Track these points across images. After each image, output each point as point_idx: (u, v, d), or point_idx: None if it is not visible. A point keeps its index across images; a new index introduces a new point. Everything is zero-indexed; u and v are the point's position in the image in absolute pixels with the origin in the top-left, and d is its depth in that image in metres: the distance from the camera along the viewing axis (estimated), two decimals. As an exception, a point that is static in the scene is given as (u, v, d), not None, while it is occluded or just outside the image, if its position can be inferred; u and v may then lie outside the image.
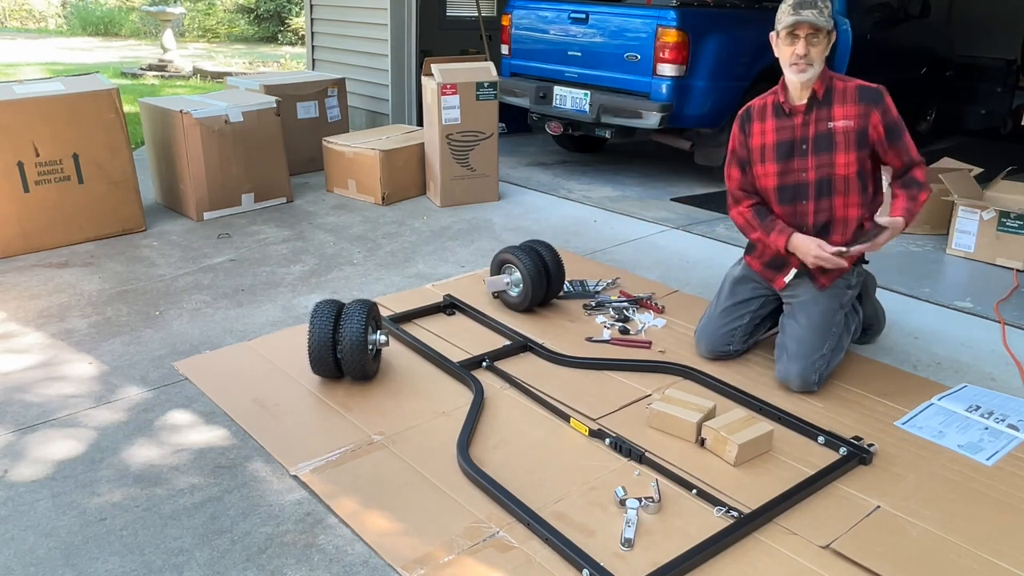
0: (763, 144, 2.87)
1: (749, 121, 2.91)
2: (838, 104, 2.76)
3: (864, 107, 2.73)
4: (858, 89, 2.76)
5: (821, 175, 2.79)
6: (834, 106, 2.77)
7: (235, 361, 2.96)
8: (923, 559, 2.01)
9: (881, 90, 2.76)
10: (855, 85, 2.77)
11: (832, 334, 2.81)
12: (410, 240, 4.39)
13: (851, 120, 2.74)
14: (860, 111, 2.73)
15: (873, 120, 2.72)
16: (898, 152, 2.77)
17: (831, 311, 2.82)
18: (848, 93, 2.76)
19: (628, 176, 5.95)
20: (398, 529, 2.08)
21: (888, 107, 2.75)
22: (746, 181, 2.95)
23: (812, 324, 2.80)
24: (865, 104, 2.73)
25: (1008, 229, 4.08)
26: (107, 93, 4.09)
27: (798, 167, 2.82)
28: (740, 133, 2.93)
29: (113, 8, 19.61)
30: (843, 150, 2.76)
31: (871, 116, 2.72)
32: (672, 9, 4.94)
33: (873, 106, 2.72)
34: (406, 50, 6.62)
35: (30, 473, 2.29)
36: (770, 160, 2.86)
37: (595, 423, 2.57)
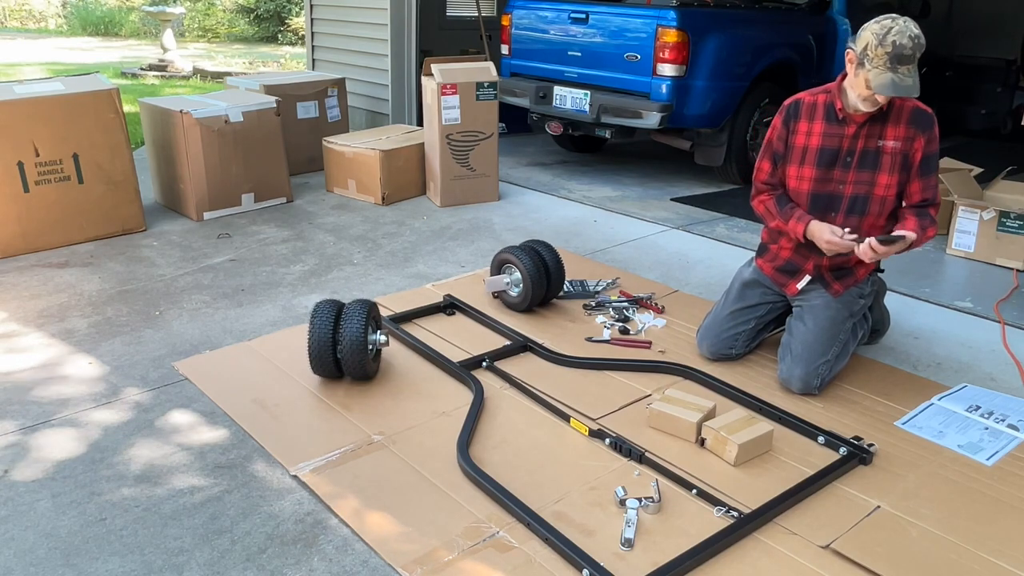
0: (807, 146, 2.77)
1: (796, 118, 2.80)
2: (892, 123, 2.68)
3: (913, 131, 2.67)
4: (913, 111, 2.68)
5: (858, 191, 2.74)
6: (888, 124, 2.68)
7: (235, 361, 2.96)
8: (923, 559, 2.01)
9: (932, 116, 2.69)
10: (912, 106, 2.69)
11: (839, 341, 2.79)
12: (410, 240, 4.39)
13: (900, 142, 2.68)
14: (909, 134, 2.67)
15: (916, 144, 2.67)
16: (924, 186, 2.70)
17: (840, 319, 2.80)
18: (904, 113, 2.68)
19: (628, 176, 5.95)
20: (398, 529, 2.08)
21: (934, 136, 2.69)
22: (775, 176, 2.87)
23: (820, 329, 2.78)
24: (915, 128, 2.66)
25: (1008, 229, 4.08)
26: (107, 93, 4.09)
27: (837, 178, 2.75)
28: (783, 127, 2.81)
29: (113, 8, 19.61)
30: (887, 171, 2.70)
31: (916, 140, 2.67)
32: (672, 9, 4.94)
33: (921, 132, 2.66)
34: (406, 50, 6.62)
35: (30, 473, 2.29)
36: (810, 164, 2.77)
37: (595, 423, 2.57)
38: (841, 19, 5.88)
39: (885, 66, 2.50)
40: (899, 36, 2.48)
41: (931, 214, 2.72)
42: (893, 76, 2.50)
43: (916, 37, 2.50)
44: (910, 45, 2.48)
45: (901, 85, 2.51)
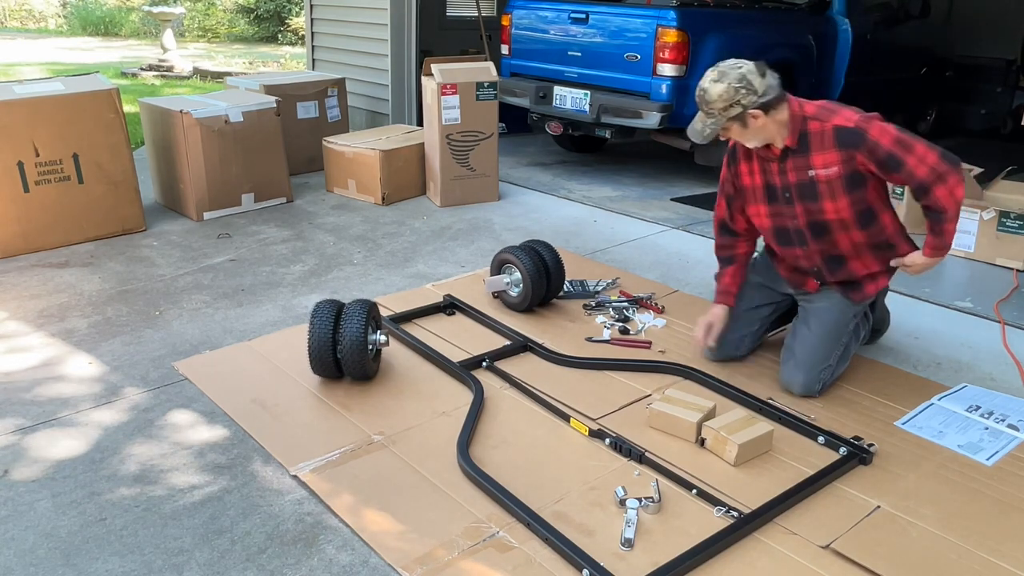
0: (752, 185, 2.77)
1: (736, 160, 2.80)
2: (816, 151, 2.56)
3: (845, 152, 2.52)
4: (835, 131, 2.52)
5: (812, 219, 2.67)
6: (812, 153, 2.57)
7: (235, 361, 2.96)
8: (923, 559, 2.01)
9: (861, 130, 2.50)
10: (832, 127, 2.53)
11: (841, 343, 2.78)
12: (410, 240, 4.39)
13: (833, 167, 2.55)
14: (842, 156, 2.53)
15: (859, 161, 2.52)
16: (904, 178, 2.51)
17: (844, 321, 2.79)
18: (826, 137, 2.54)
19: (628, 176, 5.95)
20: (398, 529, 2.08)
21: (875, 145, 2.48)
22: (728, 216, 2.90)
23: (824, 332, 2.77)
24: (845, 149, 2.52)
25: (1008, 229, 4.08)
26: (107, 93, 4.09)
27: (786, 212, 2.72)
28: (727, 169, 2.83)
29: (113, 8, 19.61)
30: (829, 198, 2.60)
31: (855, 159, 2.52)
32: (672, 9, 4.93)
33: (854, 149, 2.51)
34: (406, 50, 6.62)
35: (30, 473, 2.29)
36: (761, 202, 2.77)
37: (595, 423, 2.57)
38: (841, 19, 5.88)
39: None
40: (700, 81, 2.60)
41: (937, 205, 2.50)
42: (697, 116, 2.62)
43: (701, 90, 2.56)
44: (696, 94, 2.60)
45: (694, 127, 2.62)
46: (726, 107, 2.51)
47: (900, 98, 7.00)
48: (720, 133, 2.59)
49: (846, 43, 5.89)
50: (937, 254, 2.59)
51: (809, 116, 2.57)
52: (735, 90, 2.49)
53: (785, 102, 2.56)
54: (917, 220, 4.57)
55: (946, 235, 2.55)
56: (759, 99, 2.49)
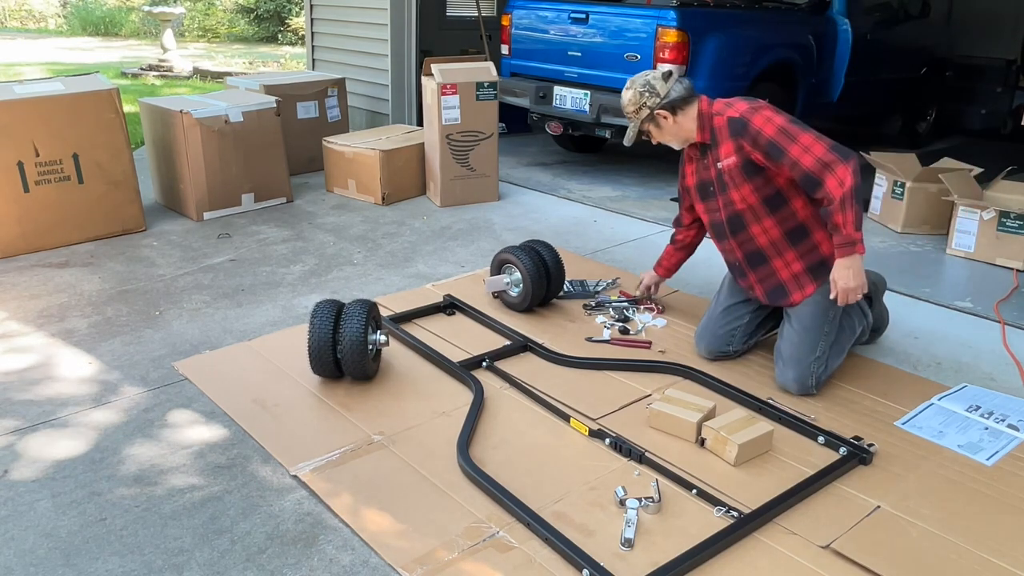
0: (692, 184, 2.98)
1: (681, 163, 3.02)
2: (722, 143, 2.76)
3: (736, 142, 2.71)
4: (728, 122, 2.72)
5: (729, 213, 2.85)
6: (720, 146, 2.78)
7: (235, 361, 2.96)
8: (923, 559, 2.01)
9: (745, 120, 2.66)
10: (726, 119, 2.73)
11: (825, 334, 2.77)
12: (410, 240, 4.39)
13: (731, 157, 2.74)
14: (735, 145, 2.71)
15: (746, 149, 2.68)
16: (789, 168, 2.59)
17: (822, 312, 2.77)
18: (723, 129, 2.75)
19: (628, 176, 5.95)
20: (398, 529, 2.08)
21: (758, 131, 2.62)
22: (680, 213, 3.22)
23: (804, 327, 2.78)
24: (736, 138, 2.70)
25: (1008, 229, 4.08)
26: (107, 93, 4.09)
27: (712, 207, 2.91)
28: (679, 172, 3.06)
29: (113, 8, 19.61)
30: (734, 187, 2.78)
31: (743, 147, 2.69)
32: (672, 9, 4.93)
33: (741, 135, 2.68)
34: (406, 50, 6.62)
35: (30, 473, 2.29)
36: (697, 199, 2.98)
37: (595, 423, 2.57)
38: (841, 19, 5.88)
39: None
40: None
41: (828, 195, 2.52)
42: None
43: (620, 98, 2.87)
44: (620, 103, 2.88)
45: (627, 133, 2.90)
46: (636, 110, 2.81)
47: (900, 98, 7.00)
48: (645, 135, 2.88)
49: (846, 43, 5.89)
50: (846, 251, 2.57)
51: (714, 112, 2.78)
52: (639, 94, 2.79)
53: (694, 102, 2.79)
54: (919, 220, 4.59)
55: (842, 228, 2.54)
56: (662, 100, 2.77)
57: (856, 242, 2.55)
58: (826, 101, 6.03)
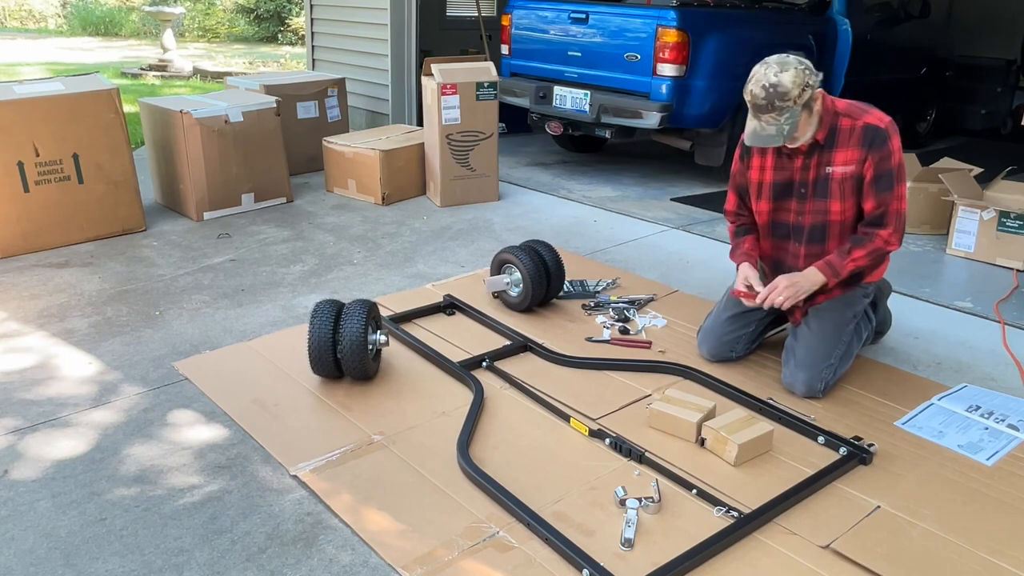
0: (761, 181, 2.77)
1: (749, 154, 2.79)
2: (841, 147, 2.56)
3: (864, 151, 2.54)
4: (864, 129, 2.52)
5: (816, 220, 2.70)
6: (837, 149, 2.57)
7: (235, 361, 2.96)
8: (923, 559, 2.01)
9: (886, 131, 2.51)
10: (863, 124, 2.52)
11: (842, 342, 2.77)
12: (410, 240, 4.39)
13: (851, 165, 2.56)
14: (860, 155, 2.54)
15: (867, 163, 2.55)
16: (877, 203, 2.55)
17: (844, 320, 2.77)
18: (854, 134, 2.54)
19: (628, 176, 5.95)
20: (398, 529, 2.08)
21: (889, 151, 2.51)
22: (742, 207, 2.91)
23: (824, 331, 2.76)
24: (866, 147, 2.53)
25: (1008, 229, 4.08)
26: (107, 93, 4.09)
27: (795, 208, 2.73)
28: (739, 162, 2.82)
29: (113, 8, 19.61)
30: (838, 198, 2.62)
31: (867, 160, 2.54)
32: (672, 9, 4.94)
33: (871, 149, 2.52)
34: (406, 50, 6.62)
35: (30, 473, 2.29)
36: (765, 199, 2.79)
37: (595, 423, 2.57)
38: (841, 19, 5.88)
39: (751, 113, 2.47)
40: (755, 85, 2.44)
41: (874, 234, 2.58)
42: (756, 124, 2.47)
43: (771, 86, 2.40)
44: (762, 96, 2.42)
45: (762, 135, 2.47)
46: (800, 92, 2.42)
47: (900, 98, 7.00)
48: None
49: (846, 43, 5.88)
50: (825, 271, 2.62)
51: (840, 111, 2.56)
52: (802, 72, 2.42)
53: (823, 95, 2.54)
54: (919, 220, 4.58)
55: (847, 261, 2.60)
56: (818, 77, 2.46)
57: (838, 276, 2.63)
58: (826, 101, 6.02)
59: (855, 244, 2.62)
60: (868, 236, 2.62)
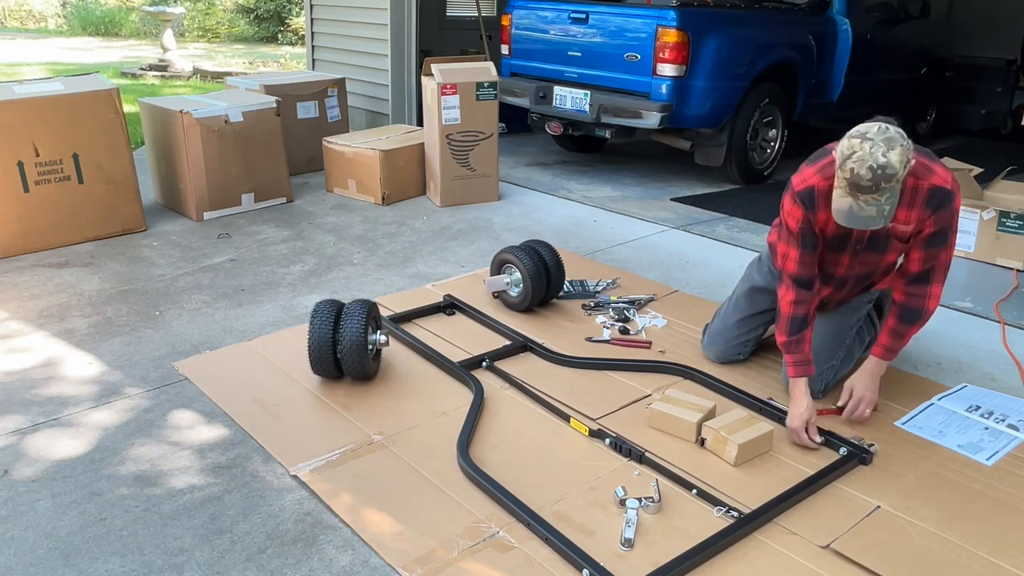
0: (823, 231, 2.54)
1: (814, 207, 2.45)
2: (904, 206, 2.38)
3: (928, 212, 2.36)
4: (930, 191, 2.34)
5: (863, 271, 2.63)
6: (900, 207, 2.38)
7: (235, 361, 2.96)
8: (923, 559, 2.01)
9: (951, 192, 2.34)
10: (929, 186, 2.34)
11: (844, 345, 2.77)
12: (410, 240, 4.39)
13: (912, 224, 2.41)
14: (923, 215, 2.38)
15: (928, 222, 2.38)
16: (925, 256, 2.43)
17: (849, 324, 2.77)
18: (918, 195, 2.36)
19: (628, 176, 5.95)
20: (398, 529, 2.08)
21: (953, 214, 2.37)
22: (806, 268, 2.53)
23: (826, 334, 2.75)
24: (930, 208, 2.36)
25: (1008, 229, 4.08)
26: (107, 93, 4.09)
27: (847, 263, 2.61)
28: (804, 215, 2.46)
29: (113, 8, 19.61)
30: (895, 252, 2.54)
31: (928, 219, 2.38)
32: (672, 9, 4.94)
33: (934, 211, 2.36)
34: (406, 50, 6.62)
35: (30, 473, 2.29)
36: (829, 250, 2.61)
37: (595, 423, 2.57)
38: (841, 19, 5.88)
39: (845, 190, 2.21)
40: (858, 165, 2.14)
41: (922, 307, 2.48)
42: (852, 203, 2.20)
43: (880, 168, 2.12)
44: (868, 177, 2.13)
45: (860, 215, 2.21)
46: (904, 168, 2.17)
47: (900, 98, 7.00)
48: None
49: (846, 43, 5.89)
50: (888, 356, 2.57)
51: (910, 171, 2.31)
52: (907, 150, 2.17)
53: None
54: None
55: (906, 339, 2.55)
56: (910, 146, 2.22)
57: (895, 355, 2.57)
58: (826, 101, 6.03)
59: (911, 322, 2.50)
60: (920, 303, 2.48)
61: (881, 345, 2.56)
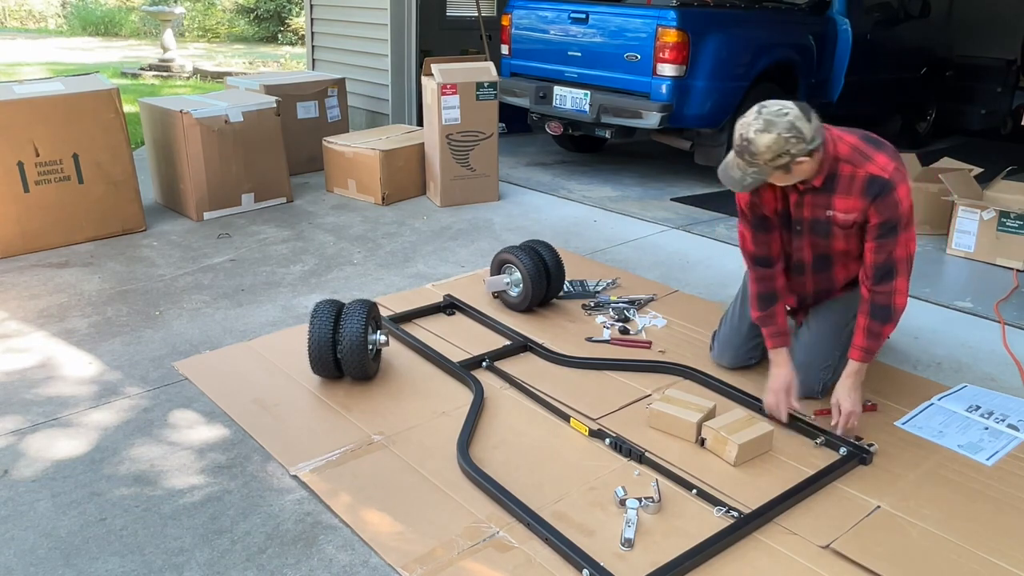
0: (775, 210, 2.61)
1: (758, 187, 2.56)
2: (841, 194, 2.41)
3: (866, 201, 2.38)
4: (867, 180, 2.36)
5: (818, 253, 2.62)
6: (836, 195, 2.42)
7: (235, 361, 2.96)
8: (923, 559, 2.01)
9: (893, 182, 2.34)
10: (866, 174, 2.36)
11: (840, 344, 2.73)
12: (410, 240, 4.39)
13: (852, 214, 2.42)
14: (862, 204, 2.39)
15: (870, 213, 2.40)
16: (876, 247, 2.41)
17: (844, 321, 2.74)
18: (856, 183, 2.38)
19: (628, 176, 5.95)
20: (398, 529, 2.08)
21: (898, 201, 2.34)
22: (758, 246, 2.63)
23: (822, 334, 2.74)
24: (867, 197, 2.37)
25: (1008, 229, 4.08)
26: (107, 93, 4.09)
27: (795, 246, 2.64)
28: (749, 196, 2.58)
29: (113, 8, 19.60)
30: (842, 240, 2.52)
31: (869, 209, 2.39)
32: (672, 9, 4.94)
33: (873, 200, 2.37)
34: (406, 50, 6.62)
35: (30, 473, 2.29)
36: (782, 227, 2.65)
37: (595, 423, 2.57)
38: (841, 19, 5.88)
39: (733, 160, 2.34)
40: (738, 128, 2.29)
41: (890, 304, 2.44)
42: (730, 158, 2.34)
43: (745, 141, 2.25)
44: (737, 143, 2.29)
45: (727, 172, 2.35)
46: (774, 158, 2.26)
47: (900, 98, 7.00)
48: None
49: (846, 43, 5.89)
50: (866, 358, 2.50)
51: (842, 158, 2.40)
52: (785, 140, 2.23)
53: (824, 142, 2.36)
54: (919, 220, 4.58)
55: (882, 338, 2.50)
56: (808, 146, 2.26)
57: (875, 354, 2.53)
58: (826, 101, 6.03)
59: (883, 319, 2.46)
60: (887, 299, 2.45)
61: (858, 347, 2.52)
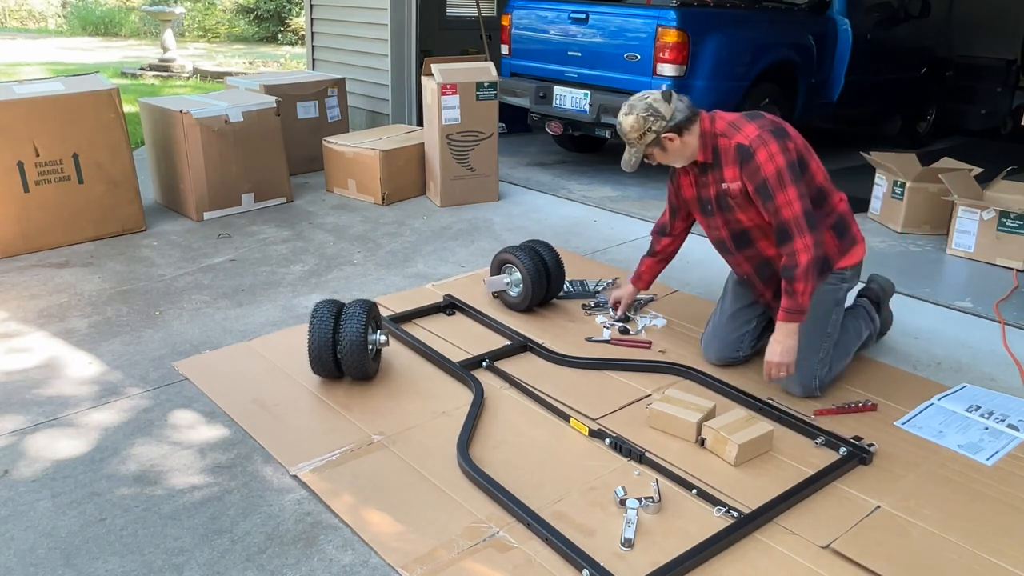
0: (690, 196, 2.90)
1: (674, 171, 2.93)
2: (727, 166, 2.67)
3: (737, 168, 2.63)
4: (736, 148, 2.62)
5: (733, 229, 2.79)
6: (724, 167, 2.68)
7: (235, 361, 2.96)
8: (923, 559, 2.01)
9: (752, 148, 2.57)
10: (735, 144, 2.62)
11: (828, 335, 2.75)
12: (410, 240, 4.39)
13: (736, 182, 2.66)
14: (737, 173, 2.64)
15: (745, 178, 2.62)
16: (770, 210, 2.58)
17: (825, 311, 2.74)
18: (729, 153, 2.65)
19: (628, 176, 5.95)
20: (398, 529, 2.08)
21: (759, 166, 2.56)
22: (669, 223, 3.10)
23: (806, 328, 2.71)
24: (737, 164, 2.62)
25: (1008, 229, 4.08)
26: (107, 93, 4.09)
27: (712, 224, 2.85)
28: (671, 182, 2.97)
29: (113, 8, 19.61)
30: (742, 210, 2.70)
31: (743, 175, 2.62)
32: (672, 9, 4.93)
33: (742, 165, 2.60)
34: (406, 50, 6.62)
35: (30, 473, 2.29)
36: (696, 212, 2.92)
37: (595, 423, 2.57)
38: (841, 19, 5.88)
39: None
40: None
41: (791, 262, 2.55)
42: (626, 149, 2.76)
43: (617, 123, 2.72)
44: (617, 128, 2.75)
45: (624, 159, 2.78)
46: (641, 135, 2.67)
47: (900, 98, 7.00)
48: (647, 159, 2.76)
49: (846, 43, 5.89)
50: (794, 318, 2.59)
51: (719, 132, 2.68)
52: (643, 119, 2.65)
53: (696, 119, 2.68)
54: (919, 220, 4.59)
55: (799, 295, 2.56)
56: (668, 123, 2.63)
57: (804, 311, 2.60)
58: (826, 101, 6.03)
59: (791, 278, 2.57)
60: (791, 260, 2.57)
61: (782, 309, 2.62)
